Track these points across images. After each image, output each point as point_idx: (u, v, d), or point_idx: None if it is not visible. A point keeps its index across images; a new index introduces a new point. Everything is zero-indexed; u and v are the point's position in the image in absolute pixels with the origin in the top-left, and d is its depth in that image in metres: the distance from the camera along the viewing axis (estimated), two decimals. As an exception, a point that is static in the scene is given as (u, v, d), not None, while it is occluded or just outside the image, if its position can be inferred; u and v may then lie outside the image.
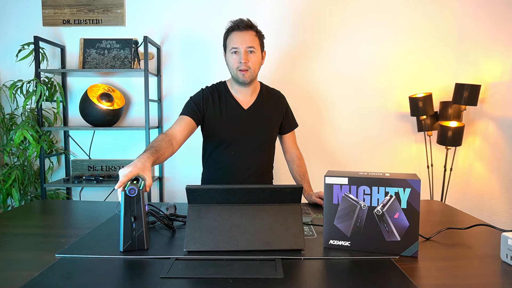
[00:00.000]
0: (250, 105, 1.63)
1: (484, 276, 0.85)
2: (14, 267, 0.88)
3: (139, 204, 0.97)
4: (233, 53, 1.53)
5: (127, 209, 0.96)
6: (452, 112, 2.29)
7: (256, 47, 1.53)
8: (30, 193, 2.34)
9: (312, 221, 1.22)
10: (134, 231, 0.97)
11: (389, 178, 0.94)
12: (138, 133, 2.47)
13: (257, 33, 1.56)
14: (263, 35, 1.60)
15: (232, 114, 1.60)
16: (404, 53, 2.45)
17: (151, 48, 2.39)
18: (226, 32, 1.57)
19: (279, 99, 1.73)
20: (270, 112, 1.66)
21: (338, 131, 2.49)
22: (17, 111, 2.36)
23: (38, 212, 1.44)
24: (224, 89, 1.63)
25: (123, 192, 0.96)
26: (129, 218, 0.96)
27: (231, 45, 1.53)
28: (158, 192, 2.51)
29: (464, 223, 1.20)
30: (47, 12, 2.43)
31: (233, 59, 1.53)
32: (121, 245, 0.96)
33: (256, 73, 1.58)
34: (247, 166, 1.63)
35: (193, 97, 1.62)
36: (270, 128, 1.68)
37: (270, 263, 0.89)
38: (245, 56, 1.51)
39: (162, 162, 1.31)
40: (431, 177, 2.38)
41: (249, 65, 1.52)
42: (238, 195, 1.00)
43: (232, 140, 1.61)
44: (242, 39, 1.51)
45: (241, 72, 1.52)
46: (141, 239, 0.97)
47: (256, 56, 1.54)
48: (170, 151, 1.34)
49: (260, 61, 1.58)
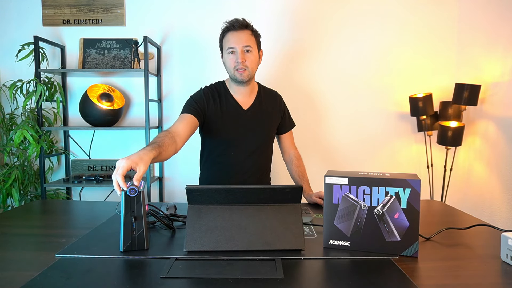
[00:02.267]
0: (250, 106, 1.62)
1: (484, 276, 0.85)
2: (14, 267, 0.88)
3: (139, 204, 0.96)
4: (230, 53, 1.52)
5: (127, 209, 0.96)
6: (452, 112, 2.29)
7: (252, 46, 1.52)
8: (30, 193, 2.34)
9: (312, 221, 1.22)
10: (134, 231, 0.96)
11: (389, 178, 0.94)
12: (138, 133, 2.47)
13: (252, 32, 1.54)
14: (259, 34, 1.59)
15: (232, 114, 1.59)
16: (404, 53, 2.45)
17: (151, 48, 2.39)
18: (222, 32, 1.55)
19: (277, 99, 1.72)
20: (269, 113, 1.66)
21: (338, 131, 2.49)
22: (17, 111, 2.36)
23: (38, 212, 1.44)
24: (223, 89, 1.62)
25: (123, 192, 0.95)
26: (129, 218, 0.96)
27: (228, 45, 1.52)
28: (158, 192, 2.51)
29: (464, 223, 1.20)
30: (47, 12, 2.43)
31: (230, 59, 1.52)
32: (121, 245, 0.96)
33: (254, 72, 1.57)
34: (247, 167, 1.62)
35: (194, 96, 1.60)
36: (269, 129, 1.67)
37: (270, 263, 0.88)
38: (242, 55, 1.50)
39: (165, 158, 1.25)
40: (431, 177, 2.38)
41: (247, 64, 1.51)
42: (238, 195, 1.00)
43: (231, 141, 1.60)
44: (238, 38, 1.50)
45: (239, 72, 1.51)
46: (141, 239, 0.97)
47: (253, 55, 1.53)
48: (173, 148, 1.29)
49: (257, 60, 1.57)
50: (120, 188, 0.96)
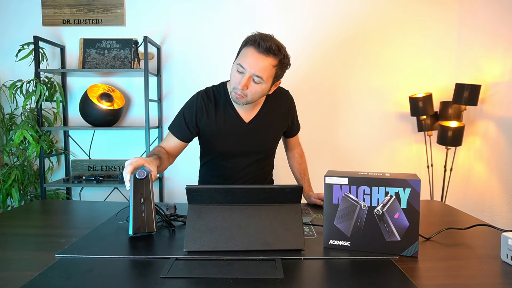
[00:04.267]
0: (252, 118, 1.44)
1: (484, 276, 0.84)
2: (14, 267, 0.88)
3: (148, 186, 1.02)
4: (237, 70, 1.28)
5: (136, 191, 1.00)
6: (452, 112, 2.29)
7: (265, 79, 1.27)
8: (30, 193, 2.34)
9: (312, 221, 1.22)
10: (143, 214, 1.00)
11: (389, 178, 0.94)
12: (138, 133, 2.47)
13: (277, 62, 1.27)
14: (287, 63, 1.31)
15: (231, 128, 1.42)
16: (404, 53, 2.45)
17: (151, 48, 2.39)
18: (245, 41, 1.29)
19: (287, 102, 1.54)
20: (274, 123, 1.50)
21: (338, 131, 2.49)
22: (17, 111, 2.36)
23: (38, 212, 1.44)
24: (223, 96, 1.43)
25: (133, 175, 1.01)
26: (139, 200, 1.00)
27: (240, 61, 1.27)
28: (158, 192, 2.51)
29: (464, 223, 1.20)
30: (47, 12, 2.43)
31: (235, 76, 1.29)
32: (131, 229, 0.98)
33: (254, 101, 1.36)
34: (245, 177, 1.54)
35: (185, 108, 1.43)
36: (272, 141, 1.55)
37: (270, 263, 0.88)
38: (247, 82, 1.26)
39: (162, 171, 1.33)
40: (431, 177, 2.38)
41: (246, 93, 1.29)
42: (238, 195, 1.00)
43: (229, 155, 1.48)
44: (254, 62, 1.24)
45: (236, 95, 1.30)
46: (150, 221, 1.01)
47: (260, 88, 1.29)
48: (168, 162, 1.40)
49: (264, 92, 1.33)
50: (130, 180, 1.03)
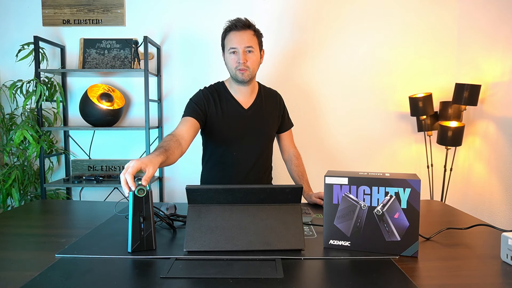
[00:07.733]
0: (250, 105, 1.63)
1: (484, 276, 0.85)
2: (14, 267, 0.88)
3: (147, 204, 0.96)
4: (232, 53, 1.52)
5: (136, 209, 0.95)
6: (452, 112, 2.29)
7: (254, 46, 1.53)
8: (30, 193, 2.34)
9: (312, 221, 1.22)
10: (142, 232, 0.96)
11: (389, 178, 0.94)
12: (138, 133, 2.47)
13: (255, 32, 1.55)
14: (262, 33, 1.59)
15: (233, 114, 1.59)
16: (404, 53, 2.45)
17: (151, 48, 2.39)
18: (224, 32, 1.56)
19: (277, 98, 1.74)
20: (270, 112, 1.67)
21: (338, 131, 2.49)
22: (17, 111, 2.36)
23: (38, 212, 1.44)
24: (223, 89, 1.63)
25: (131, 193, 0.95)
26: (138, 218, 0.95)
27: (230, 45, 1.52)
28: (158, 192, 2.51)
29: (464, 223, 1.20)
30: (47, 12, 2.43)
31: (232, 59, 1.53)
32: (129, 246, 0.95)
33: (255, 72, 1.58)
34: (249, 165, 1.64)
35: (193, 98, 1.60)
36: (270, 127, 1.69)
37: (270, 263, 0.88)
38: (244, 56, 1.50)
39: (172, 162, 1.25)
40: (431, 177, 2.38)
41: (248, 64, 1.51)
42: (238, 195, 1.00)
43: (233, 140, 1.61)
44: (240, 39, 1.51)
45: (240, 71, 1.52)
46: (150, 239, 0.97)
47: (255, 55, 1.54)
48: (179, 151, 1.31)
49: (259, 60, 1.58)
50: (128, 187, 0.96)
